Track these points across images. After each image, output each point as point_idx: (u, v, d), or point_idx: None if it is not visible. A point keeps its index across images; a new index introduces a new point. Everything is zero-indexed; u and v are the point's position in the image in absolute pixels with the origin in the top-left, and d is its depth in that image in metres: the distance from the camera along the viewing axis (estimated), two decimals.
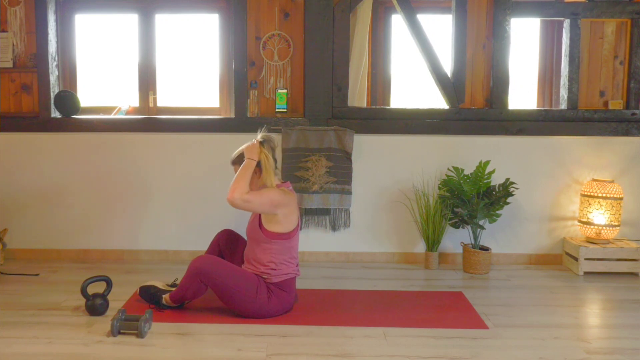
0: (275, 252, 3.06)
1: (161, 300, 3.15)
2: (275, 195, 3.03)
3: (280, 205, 3.02)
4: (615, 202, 3.96)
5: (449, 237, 4.19)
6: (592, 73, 4.33)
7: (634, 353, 2.73)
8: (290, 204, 3.08)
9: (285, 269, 3.09)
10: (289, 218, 3.07)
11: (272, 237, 3.05)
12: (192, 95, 4.65)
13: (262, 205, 3.02)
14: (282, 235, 3.06)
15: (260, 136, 3.18)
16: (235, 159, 3.22)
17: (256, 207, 3.03)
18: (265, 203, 3.01)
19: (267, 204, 3.01)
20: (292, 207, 3.09)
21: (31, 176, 4.18)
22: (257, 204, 3.02)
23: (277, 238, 3.06)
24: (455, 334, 2.91)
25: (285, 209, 3.04)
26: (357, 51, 4.29)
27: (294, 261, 3.15)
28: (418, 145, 4.17)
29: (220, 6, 4.44)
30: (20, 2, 4.16)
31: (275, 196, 3.03)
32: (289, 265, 3.10)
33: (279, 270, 3.06)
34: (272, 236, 3.05)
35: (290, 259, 3.11)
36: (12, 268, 3.95)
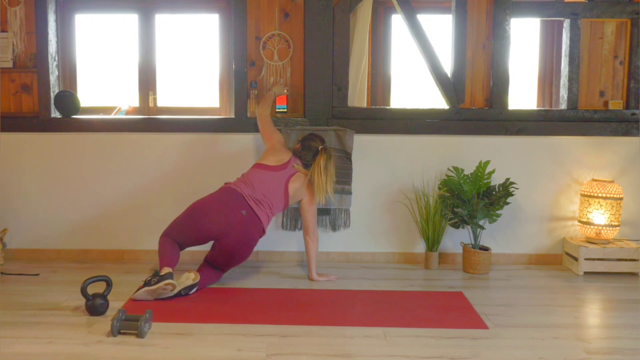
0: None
1: (155, 275, 3.27)
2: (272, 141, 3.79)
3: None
4: (615, 202, 3.96)
5: (449, 237, 4.19)
6: (592, 73, 4.33)
7: (634, 353, 2.73)
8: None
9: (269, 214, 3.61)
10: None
11: (286, 201, 3.66)
12: (192, 95, 4.65)
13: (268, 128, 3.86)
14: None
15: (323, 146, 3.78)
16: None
17: (267, 131, 3.85)
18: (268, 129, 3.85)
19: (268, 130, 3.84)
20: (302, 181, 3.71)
21: (31, 176, 4.18)
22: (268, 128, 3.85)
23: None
24: (455, 334, 2.91)
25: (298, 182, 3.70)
26: (357, 51, 4.28)
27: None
28: (418, 145, 4.17)
29: (220, 6, 4.44)
30: (20, 2, 4.16)
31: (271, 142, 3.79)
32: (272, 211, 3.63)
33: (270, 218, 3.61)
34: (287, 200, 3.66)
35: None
36: (12, 268, 3.95)
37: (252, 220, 3.45)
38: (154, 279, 3.25)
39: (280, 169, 3.63)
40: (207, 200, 3.49)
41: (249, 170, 3.68)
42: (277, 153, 3.70)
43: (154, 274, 3.30)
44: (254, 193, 3.51)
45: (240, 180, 3.60)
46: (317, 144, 3.71)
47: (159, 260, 3.39)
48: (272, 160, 3.66)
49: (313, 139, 3.74)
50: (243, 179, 3.60)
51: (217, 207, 3.41)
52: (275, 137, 3.80)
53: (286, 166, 3.65)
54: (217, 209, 3.40)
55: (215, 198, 3.48)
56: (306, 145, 3.72)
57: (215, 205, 3.42)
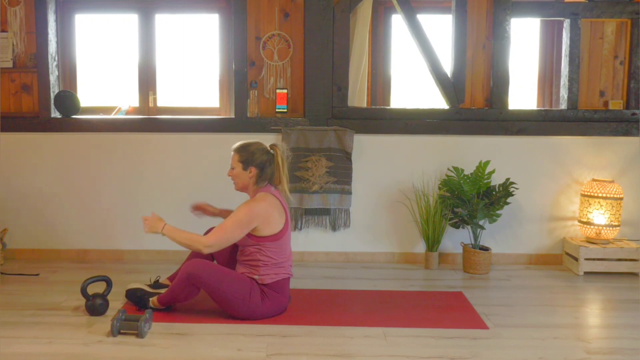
0: (266, 253, 3.04)
1: (148, 303, 3.13)
2: (243, 215, 2.99)
3: (253, 219, 2.99)
4: (615, 202, 3.96)
5: (449, 237, 4.19)
6: (592, 73, 4.32)
7: (634, 353, 2.73)
8: (264, 213, 3.02)
9: (278, 269, 3.07)
10: (270, 224, 3.03)
11: (260, 240, 3.04)
12: (192, 95, 4.65)
13: (232, 235, 3.00)
14: (269, 238, 3.04)
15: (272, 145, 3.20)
16: (241, 151, 3.14)
17: (229, 240, 3.03)
18: (233, 229, 2.99)
19: (236, 229, 2.99)
20: (268, 213, 3.03)
21: (31, 176, 4.17)
22: (226, 238, 3.01)
23: (265, 240, 3.04)
24: (455, 334, 2.91)
25: (259, 219, 3.00)
26: (357, 51, 4.28)
27: (287, 262, 3.13)
28: (418, 145, 4.17)
29: (220, 6, 4.44)
30: (20, 2, 4.15)
31: (243, 216, 2.99)
32: (281, 266, 3.09)
33: (271, 271, 3.05)
34: (261, 239, 3.04)
35: (282, 259, 3.09)
36: (12, 268, 3.95)
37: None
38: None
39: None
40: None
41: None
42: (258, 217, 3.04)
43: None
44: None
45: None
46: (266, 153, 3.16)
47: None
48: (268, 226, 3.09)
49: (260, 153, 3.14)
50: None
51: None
52: (229, 224, 3.03)
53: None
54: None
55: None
56: (261, 163, 3.13)
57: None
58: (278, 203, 3.10)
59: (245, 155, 3.10)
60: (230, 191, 4.15)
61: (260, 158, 3.10)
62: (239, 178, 3.13)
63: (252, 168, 3.09)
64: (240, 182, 3.14)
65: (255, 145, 3.14)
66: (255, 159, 3.10)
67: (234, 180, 3.17)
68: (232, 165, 3.15)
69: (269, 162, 3.12)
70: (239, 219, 3.00)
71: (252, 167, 3.09)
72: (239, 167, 3.12)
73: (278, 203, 3.10)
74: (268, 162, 3.11)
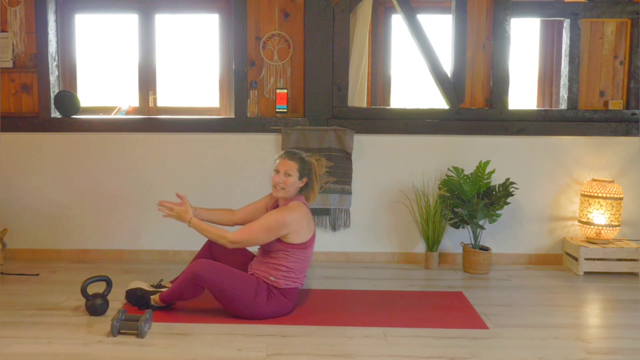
0: (292, 260, 3.07)
1: (149, 301, 3.14)
2: (273, 222, 3.01)
3: (283, 227, 3.01)
4: (615, 202, 3.96)
5: (449, 237, 4.19)
6: (592, 73, 4.33)
7: (634, 353, 2.73)
8: (297, 222, 3.04)
9: (295, 277, 3.10)
10: (300, 233, 3.06)
11: (289, 247, 3.06)
12: (192, 95, 4.65)
13: (257, 237, 3.03)
14: (298, 245, 3.07)
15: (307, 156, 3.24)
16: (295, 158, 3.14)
17: (254, 241, 3.05)
18: (260, 233, 3.01)
19: (263, 234, 3.01)
20: (300, 223, 3.06)
21: (31, 176, 4.17)
22: (251, 239, 3.04)
23: (294, 248, 3.07)
24: (455, 334, 2.91)
25: (290, 227, 3.03)
26: (357, 51, 4.28)
27: (304, 272, 3.17)
28: (418, 145, 4.17)
29: (220, 6, 4.44)
30: (20, 2, 4.16)
31: (273, 222, 3.01)
32: (299, 275, 3.12)
33: (288, 278, 3.07)
34: (290, 246, 3.06)
35: (303, 268, 3.13)
36: (12, 268, 3.95)
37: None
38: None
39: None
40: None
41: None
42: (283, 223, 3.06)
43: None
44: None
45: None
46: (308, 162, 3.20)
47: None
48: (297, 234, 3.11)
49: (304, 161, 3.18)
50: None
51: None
52: (259, 224, 3.06)
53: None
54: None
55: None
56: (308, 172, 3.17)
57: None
58: (309, 214, 3.15)
59: (304, 166, 3.13)
60: (230, 191, 4.17)
61: (312, 171, 3.17)
62: (293, 186, 3.11)
63: (305, 179, 3.13)
64: (292, 190, 3.12)
65: (304, 156, 3.20)
66: (310, 171, 3.16)
67: (285, 187, 3.11)
68: (288, 173, 3.10)
69: (313, 176, 3.19)
70: (268, 225, 3.02)
71: (306, 177, 3.13)
72: (296, 176, 3.11)
73: (309, 214, 3.15)
74: (314, 176, 3.19)
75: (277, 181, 3.11)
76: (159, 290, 3.20)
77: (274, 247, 3.08)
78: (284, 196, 3.13)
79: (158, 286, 3.28)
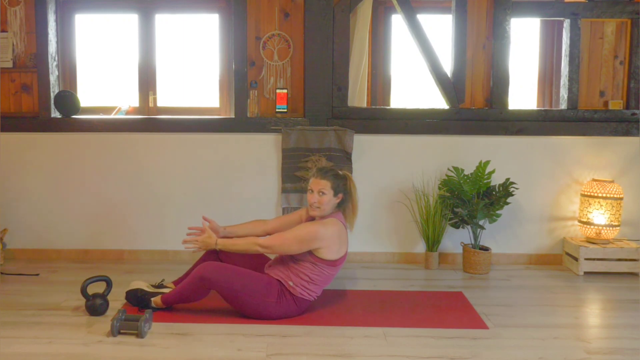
0: (319, 273, 3.06)
1: (150, 303, 3.13)
2: (306, 234, 3.01)
3: (315, 241, 3.00)
4: (615, 202, 3.96)
5: (449, 237, 4.19)
6: (592, 73, 4.33)
7: (634, 353, 2.73)
8: (330, 238, 3.03)
9: (313, 290, 3.09)
10: (332, 250, 3.05)
11: (319, 261, 3.06)
12: (192, 95, 4.65)
13: (288, 246, 3.02)
14: (327, 262, 3.06)
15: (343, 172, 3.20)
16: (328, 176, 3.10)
17: (284, 250, 3.04)
18: (292, 243, 3.00)
19: (295, 244, 3.00)
20: (334, 240, 3.05)
21: (31, 176, 4.17)
22: (282, 247, 3.03)
23: (323, 263, 3.06)
24: (455, 334, 2.91)
25: (323, 242, 3.01)
26: (357, 51, 4.28)
27: (323, 288, 3.15)
28: (418, 145, 4.17)
29: (220, 6, 4.44)
30: (20, 2, 4.16)
31: (306, 234, 3.01)
32: (316, 289, 3.10)
33: (308, 289, 3.06)
34: (319, 260, 3.05)
35: (323, 283, 3.12)
36: (12, 268, 3.95)
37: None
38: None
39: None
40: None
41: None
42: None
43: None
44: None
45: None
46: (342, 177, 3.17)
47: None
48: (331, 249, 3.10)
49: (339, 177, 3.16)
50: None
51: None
52: (294, 233, 3.07)
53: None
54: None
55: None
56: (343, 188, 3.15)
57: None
58: (344, 232, 3.13)
59: (338, 182, 3.10)
60: (230, 191, 4.17)
61: (347, 185, 3.14)
62: (329, 205, 3.09)
63: (340, 195, 3.11)
64: (327, 208, 3.10)
65: (337, 172, 3.16)
66: (345, 186, 3.13)
67: (321, 206, 3.09)
68: (322, 191, 3.07)
69: (350, 191, 3.15)
70: (301, 235, 3.02)
71: (341, 193, 3.11)
72: (330, 193, 3.09)
73: (344, 232, 3.13)
74: (350, 191, 3.15)
75: (311, 201, 3.10)
76: (160, 290, 3.20)
77: (303, 256, 3.06)
78: (320, 215, 3.11)
79: (159, 286, 3.27)
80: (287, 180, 4.10)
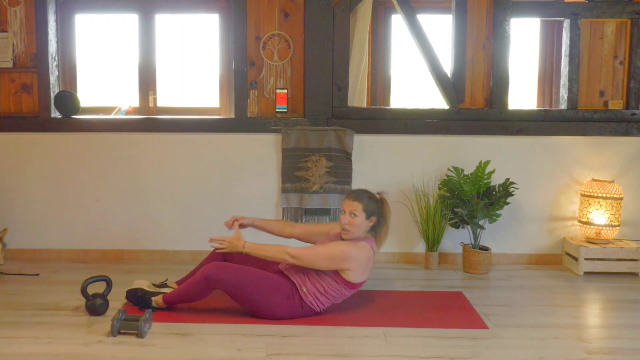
0: (336, 290, 3.05)
1: (151, 303, 3.12)
2: (339, 253, 2.99)
3: (346, 262, 2.99)
4: (615, 202, 3.96)
5: (449, 237, 4.19)
6: (592, 73, 4.33)
7: (634, 353, 2.73)
8: (360, 262, 3.02)
9: (322, 302, 3.08)
10: (358, 274, 3.04)
11: (340, 280, 3.04)
12: (192, 95, 4.65)
13: (319, 261, 2.98)
14: (348, 283, 3.05)
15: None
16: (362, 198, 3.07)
17: (313, 264, 2.99)
18: (322, 259, 2.98)
19: (325, 260, 2.98)
20: (363, 265, 3.04)
21: (31, 176, 4.17)
22: (311, 261, 2.98)
23: (344, 282, 3.05)
24: (455, 334, 2.91)
25: (352, 265, 3.00)
26: (357, 51, 4.28)
27: (332, 304, 3.13)
28: (418, 145, 4.17)
29: (220, 6, 4.44)
30: (20, 2, 4.15)
31: (339, 253, 2.99)
32: (326, 303, 3.09)
33: (319, 300, 3.06)
34: (341, 279, 3.04)
35: (334, 300, 3.10)
36: (12, 268, 3.94)
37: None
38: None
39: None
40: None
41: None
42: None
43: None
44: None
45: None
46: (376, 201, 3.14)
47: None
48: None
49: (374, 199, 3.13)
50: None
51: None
52: (325, 250, 3.05)
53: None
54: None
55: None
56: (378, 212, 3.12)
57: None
58: (372, 260, 3.11)
59: (372, 205, 3.07)
60: (230, 191, 4.17)
61: (381, 208, 3.10)
62: (360, 227, 3.06)
63: (374, 218, 3.08)
64: (359, 231, 3.07)
65: (372, 194, 3.12)
66: (378, 208, 3.09)
67: (351, 228, 3.06)
68: (354, 213, 3.04)
69: (385, 213, 3.11)
70: (334, 254, 3.00)
71: (375, 216, 3.08)
72: (362, 216, 3.05)
73: (372, 260, 3.11)
74: (384, 213, 3.11)
75: (343, 222, 3.08)
76: (161, 290, 3.20)
77: (328, 273, 3.05)
78: (351, 237, 3.08)
79: (162, 285, 3.28)
80: (287, 180, 4.11)
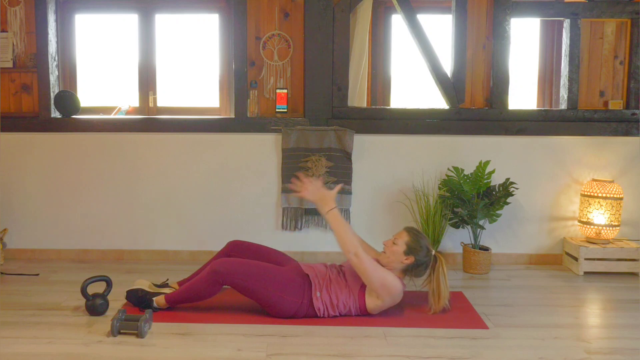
0: (347, 303, 3.05)
1: (152, 303, 3.11)
2: (391, 280, 2.99)
3: (389, 291, 2.99)
4: (615, 202, 3.96)
5: (449, 237, 4.19)
6: (592, 73, 4.33)
7: (634, 353, 2.73)
8: (394, 295, 3.03)
9: (329, 310, 3.06)
10: (382, 304, 3.05)
11: (360, 297, 3.04)
12: (192, 95, 4.65)
13: (373, 274, 2.95)
14: (365, 305, 3.05)
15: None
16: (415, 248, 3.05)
17: (367, 273, 2.95)
18: (376, 277, 2.96)
19: (378, 279, 2.96)
20: (394, 299, 3.06)
21: (31, 176, 4.18)
22: (367, 269, 2.94)
23: (361, 302, 3.04)
24: (455, 334, 2.91)
25: (390, 295, 3.01)
26: (357, 51, 4.28)
27: (336, 315, 3.10)
28: (418, 145, 4.17)
29: (220, 6, 4.44)
30: (20, 2, 4.16)
31: (391, 280, 2.99)
32: (332, 312, 3.07)
33: (328, 306, 3.04)
34: (362, 297, 3.04)
35: (339, 313, 3.08)
36: (12, 268, 3.95)
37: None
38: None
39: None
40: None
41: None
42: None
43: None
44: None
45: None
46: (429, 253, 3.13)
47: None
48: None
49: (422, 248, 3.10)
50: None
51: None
52: (382, 272, 3.03)
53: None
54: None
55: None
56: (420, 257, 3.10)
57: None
58: (396, 302, 3.11)
59: (416, 244, 3.07)
60: (230, 191, 4.17)
61: (425, 257, 3.09)
62: (394, 255, 3.06)
63: (411, 257, 3.06)
64: (391, 258, 3.06)
65: (427, 241, 3.12)
66: (422, 254, 3.08)
67: (386, 251, 3.09)
68: (397, 241, 3.08)
69: (426, 265, 3.11)
70: (387, 281, 2.98)
71: (413, 256, 3.06)
72: (402, 247, 3.06)
73: (396, 302, 3.11)
74: (425, 264, 3.10)
75: (385, 243, 3.12)
76: (162, 291, 3.20)
77: (354, 285, 3.05)
78: (385, 262, 3.08)
79: (163, 286, 3.27)
80: (287, 180, 4.10)
